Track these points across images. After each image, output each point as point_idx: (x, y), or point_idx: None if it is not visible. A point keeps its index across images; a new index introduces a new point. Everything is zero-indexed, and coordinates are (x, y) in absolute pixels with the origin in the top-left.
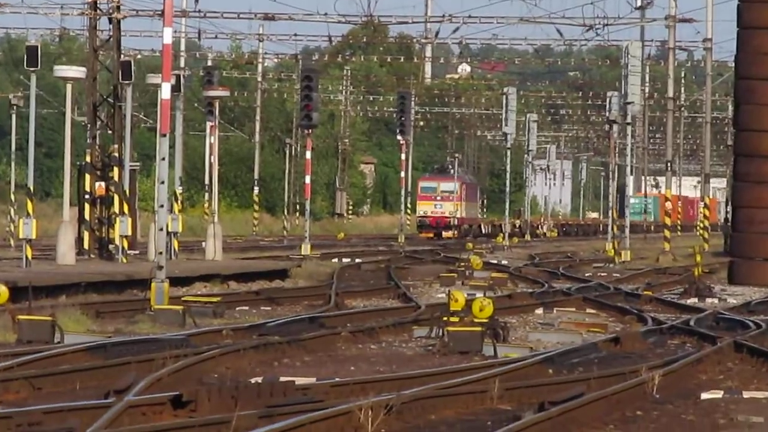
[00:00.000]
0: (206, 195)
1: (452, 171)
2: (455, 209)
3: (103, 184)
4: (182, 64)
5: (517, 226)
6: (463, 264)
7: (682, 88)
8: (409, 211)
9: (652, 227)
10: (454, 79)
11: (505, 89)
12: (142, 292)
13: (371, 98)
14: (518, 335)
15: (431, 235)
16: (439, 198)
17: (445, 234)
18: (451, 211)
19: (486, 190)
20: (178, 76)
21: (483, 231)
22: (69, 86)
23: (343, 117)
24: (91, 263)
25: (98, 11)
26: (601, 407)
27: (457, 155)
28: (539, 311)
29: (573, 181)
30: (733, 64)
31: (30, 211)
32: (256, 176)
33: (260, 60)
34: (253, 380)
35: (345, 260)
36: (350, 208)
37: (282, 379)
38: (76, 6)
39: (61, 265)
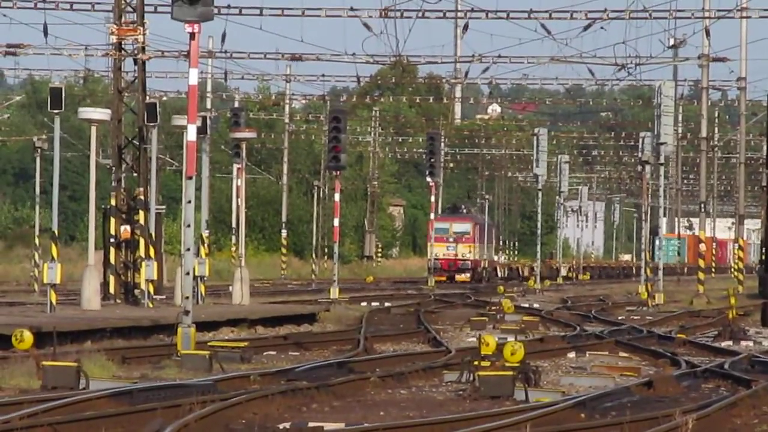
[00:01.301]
0: (233, 238)
1: (465, 211)
2: (468, 251)
3: (128, 227)
4: (208, 106)
5: (534, 268)
6: (494, 308)
7: (716, 128)
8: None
9: (685, 269)
10: (484, 119)
11: (536, 130)
12: (169, 337)
13: (400, 139)
14: (550, 379)
15: (443, 278)
16: (451, 239)
17: (457, 277)
18: (464, 253)
19: (517, 233)
20: (204, 118)
21: (499, 274)
22: (93, 128)
23: (372, 158)
24: (116, 308)
25: (123, 52)
26: None
27: (487, 197)
28: (571, 355)
29: (605, 223)
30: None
31: (54, 255)
32: (283, 219)
33: (287, 101)
34: (281, 426)
35: (374, 304)
36: (379, 250)
37: (310, 424)
38: (101, 47)
39: (86, 310)
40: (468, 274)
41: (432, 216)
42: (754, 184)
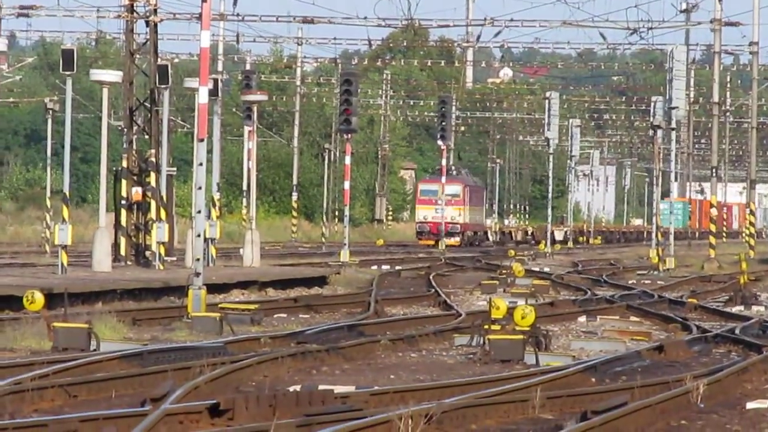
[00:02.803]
0: (244, 201)
1: (455, 172)
2: (458, 214)
3: (139, 189)
4: (220, 68)
5: (529, 233)
6: (504, 271)
7: (728, 93)
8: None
9: (697, 234)
10: (495, 83)
11: (547, 94)
12: (179, 299)
13: (411, 103)
14: (560, 343)
15: (431, 242)
16: (440, 202)
17: (446, 241)
18: (453, 216)
19: (528, 196)
20: (215, 81)
21: (490, 238)
22: (105, 90)
23: (383, 122)
24: (127, 270)
25: (135, 14)
26: (645, 417)
27: (498, 160)
28: (582, 319)
29: (616, 188)
30: None
31: (65, 217)
32: (294, 182)
33: (299, 64)
34: (291, 388)
35: (384, 267)
36: (390, 214)
37: (321, 387)
38: (113, 9)
39: (97, 272)
40: (457, 238)
41: (443, 180)
42: (766, 149)
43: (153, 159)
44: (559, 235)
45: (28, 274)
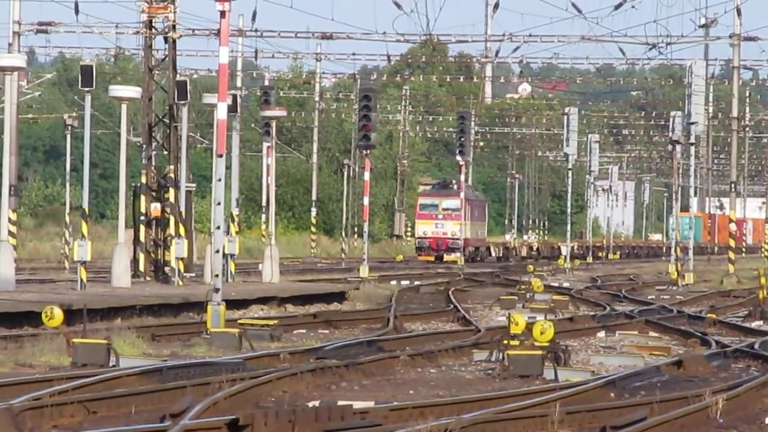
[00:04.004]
0: (263, 216)
1: (455, 187)
2: (459, 229)
3: (158, 205)
4: (239, 84)
5: (534, 248)
6: (523, 287)
7: (747, 108)
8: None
9: (716, 249)
10: (514, 98)
11: (566, 109)
12: (198, 315)
13: (430, 118)
14: (580, 358)
15: (431, 258)
16: (440, 217)
17: (447, 257)
18: (453, 231)
19: (547, 212)
20: (234, 96)
21: (492, 254)
22: (124, 106)
23: (402, 137)
24: (146, 286)
25: (154, 30)
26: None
27: (517, 176)
28: (601, 334)
29: (635, 203)
30: None
31: (85, 232)
32: (313, 197)
33: (318, 79)
34: (310, 404)
35: (404, 282)
36: (409, 229)
37: (340, 402)
38: (131, 25)
39: (116, 288)
40: (458, 254)
41: (462, 195)
42: None
43: (172, 175)
44: (565, 251)
45: (48, 290)
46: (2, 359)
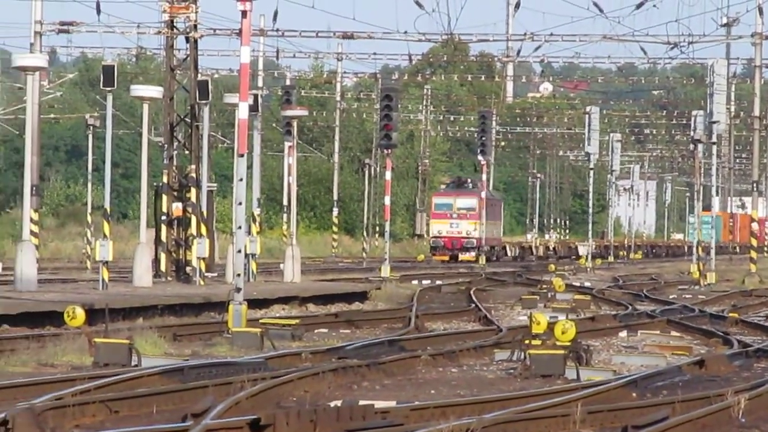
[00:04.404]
0: (284, 216)
1: (470, 185)
2: (474, 228)
3: (180, 205)
4: (260, 84)
5: (551, 248)
6: (545, 286)
7: None
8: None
9: (737, 249)
10: (535, 98)
11: (587, 108)
12: (220, 314)
13: (452, 118)
14: (601, 358)
15: (446, 258)
16: (455, 216)
17: (462, 257)
18: (469, 230)
19: (568, 211)
20: (255, 96)
21: (508, 253)
22: (146, 106)
23: (423, 137)
24: (168, 285)
25: (175, 30)
26: (686, 431)
27: (539, 175)
28: (623, 334)
29: (657, 202)
30: None
31: (106, 232)
32: (335, 197)
33: (339, 79)
34: (332, 404)
35: (425, 282)
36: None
37: (361, 402)
38: (153, 25)
39: (138, 288)
40: (473, 254)
41: (483, 195)
42: None
43: (193, 174)
44: (582, 250)
45: (69, 290)
46: (24, 359)
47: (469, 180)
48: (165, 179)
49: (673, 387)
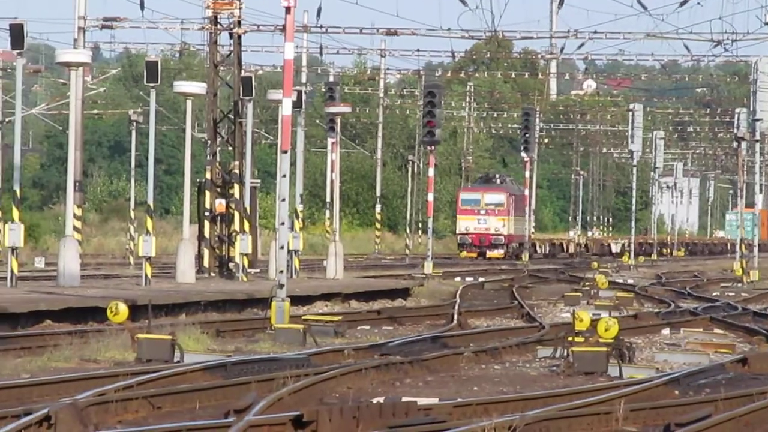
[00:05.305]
0: (327, 212)
1: (498, 180)
2: (502, 225)
3: (223, 201)
4: (303, 80)
5: (583, 244)
6: (588, 283)
7: None
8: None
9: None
10: (579, 95)
11: (631, 106)
12: (263, 310)
13: (495, 114)
14: (644, 356)
15: (474, 255)
16: (483, 212)
17: (489, 254)
18: (497, 227)
19: (611, 208)
20: (299, 92)
21: (538, 251)
22: (189, 102)
23: (467, 133)
24: (211, 281)
25: (219, 26)
26: (729, 429)
27: (582, 172)
28: (665, 331)
29: (700, 200)
30: None
31: (149, 228)
32: (377, 193)
33: (382, 76)
34: (374, 400)
35: (468, 279)
36: None
37: (404, 399)
38: (197, 21)
39: (181, 284)
40: (501, 251)
41: (526, 192)
42: None
43: (236, 171)
44: (615, 248)
45: (112, 286)
46: (68, 355)
47: (497, 175)
48: (208, 175)
49: (716, 385)
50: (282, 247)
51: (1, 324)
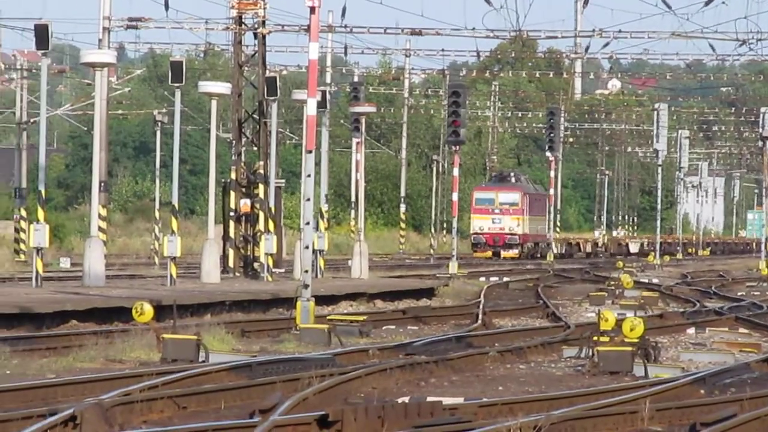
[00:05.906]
0: (352, 212)
1: (513, 179)
2: (517, 224)
3: (248, 201)
4: (328, 80)
5: (600, 244)
6: (613, 283)
7: None
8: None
9: None
10: (604, 94)
11: (656, 105)
12: (288, 310)
13: (520, 114)
14: (669, 355)
15: (488, 255)
16: (497, 211)
17: (504, 254)
18: (511, 226)
19: (636, 208)
20: (323, 92)
21: (555, 251)
22: (214, 102)
23: (491, 133)
24: (235, 281)
25: (243, 26)
26: (755, 429)
27: (607, 172)
28: (691, 331)
29: (725, 199)
30: None
31: (174, 228)
32: (402, 193)
33: (407, 75)
34: (399, 400)
35: (493, 279)
36: None
37: (429, 398)
38: (221, 21)
39: (206, 284)
40: (516, 251)
41: (551, 192)
42: None
43: (261, 171)
44: (634, 248)
45: (137, 286)
46: (93, 355)
47: (512, 173)
48: (233, 175)
49: (742, 384)
50: (307, 247)
51: (26, 324)
